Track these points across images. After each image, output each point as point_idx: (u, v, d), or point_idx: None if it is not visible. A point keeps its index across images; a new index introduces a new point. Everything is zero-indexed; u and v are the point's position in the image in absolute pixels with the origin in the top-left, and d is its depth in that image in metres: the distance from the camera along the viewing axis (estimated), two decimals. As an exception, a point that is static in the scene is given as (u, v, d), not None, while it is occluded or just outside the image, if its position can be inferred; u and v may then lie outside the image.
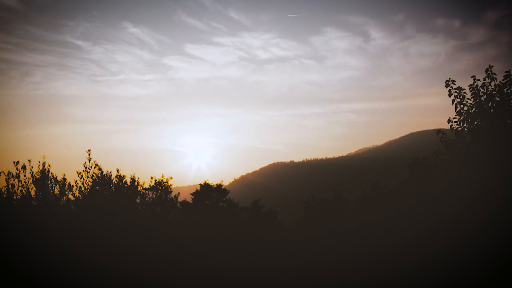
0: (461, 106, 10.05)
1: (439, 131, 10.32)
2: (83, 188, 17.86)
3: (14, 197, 16.72)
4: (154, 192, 20.23)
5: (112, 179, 18.56)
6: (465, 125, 10.03)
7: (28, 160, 16.97)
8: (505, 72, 9.52)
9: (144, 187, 19.67)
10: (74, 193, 17.79)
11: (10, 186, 16.70)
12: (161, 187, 20.29)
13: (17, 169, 16.74)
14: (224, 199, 25.14)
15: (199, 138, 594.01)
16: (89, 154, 17.87)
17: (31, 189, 17.01)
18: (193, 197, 25.10)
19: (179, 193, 21.55)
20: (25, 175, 16.91)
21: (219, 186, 25.23)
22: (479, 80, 9.92)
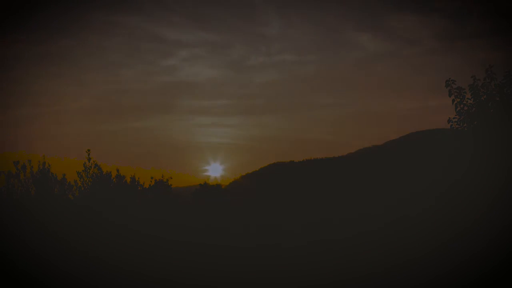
0: (461, 106, 10.05)
1: (439, 131, 10.34)
2: (82, 188, 17.89)
3: (14, 197, 16.75)
4: (154, 192, 20.23)
5: (112, 178, 18.57)
6: (465, 125, 10.04)
7: (28, 160, 17.02)
8: (505, 72, 9.52)
9: (144, 186, 19.71)
10: (74, 193, 17.83)
11: (10, 186, 16.72)
12: (161, 187, 20.30)
13: (17, 168, 16.77)
14: (224, 199, 25.18)
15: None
16: (89, 154, 17.91)
17: (31, 189, 17.03)
18: (193, 197, 25.13)
19: (179, 193, 21.60)
20: (25, 175, 16.94)
21: (218, 185, 25.34)
22: (479, 80, 9.92)
